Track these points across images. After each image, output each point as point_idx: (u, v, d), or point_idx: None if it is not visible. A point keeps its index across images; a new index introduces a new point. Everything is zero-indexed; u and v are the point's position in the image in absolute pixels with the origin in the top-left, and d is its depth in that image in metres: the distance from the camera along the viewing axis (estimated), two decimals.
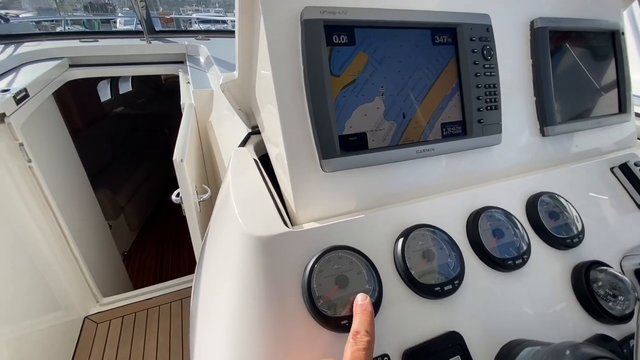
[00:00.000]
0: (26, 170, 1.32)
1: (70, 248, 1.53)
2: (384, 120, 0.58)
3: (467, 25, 0.62)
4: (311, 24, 0.51)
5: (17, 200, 1.31)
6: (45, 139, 1.52)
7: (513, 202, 0.58)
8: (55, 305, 1.50)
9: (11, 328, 1.22)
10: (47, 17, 5.19)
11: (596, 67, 0.80)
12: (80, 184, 1.96)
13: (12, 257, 1.28)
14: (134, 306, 1.71)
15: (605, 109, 0.81)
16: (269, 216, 0.47)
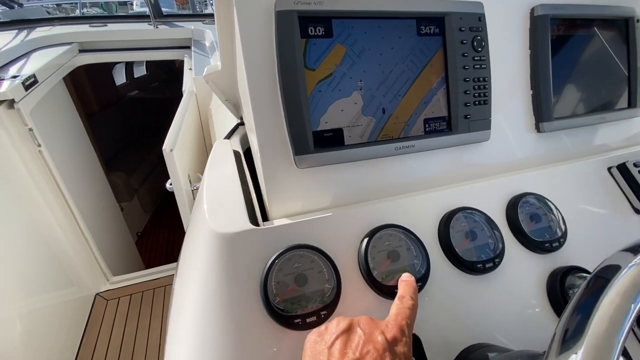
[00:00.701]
0: (36, 155, 1.38)
1: (81, 229, 1.60)
2: (362, 116, 0.56)
3: (456, 14, 0.58)
4: (284, 15, 0.49)
5: (29, 183, 1.37)
6: (55, 124, 1.57)
7: (494, 203, 0.56)
8: (67, 282, 1.59)
9: (25, 302, 1.31)
10: (64, 1, 5.25)
11: (604, 58, 0.75)
12: (91, 167, 2.02)
13: (26, 236, 1.36)
14: (141, 285, 1.79)
15: (612, 104, 0.76)
16: (235, 213, 0.47)
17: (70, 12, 8.81)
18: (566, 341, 0.22)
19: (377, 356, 0.30)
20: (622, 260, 0.28)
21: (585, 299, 0.24)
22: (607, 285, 0.24)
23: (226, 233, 0.44)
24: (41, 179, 1.42)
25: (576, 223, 0.58)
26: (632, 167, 0.63)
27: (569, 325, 0.23)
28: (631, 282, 0.23)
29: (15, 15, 2.06)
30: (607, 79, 0.75)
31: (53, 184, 1.46)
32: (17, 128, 1.30)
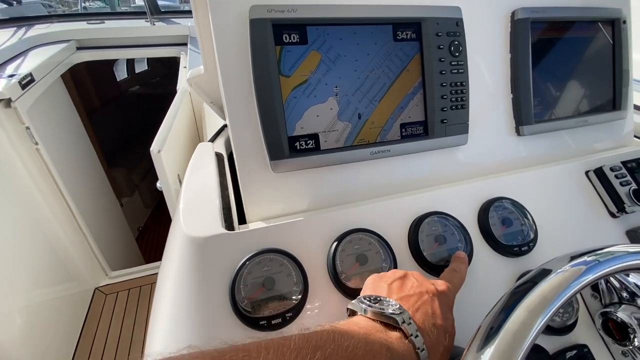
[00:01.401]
0: (33, 152, 1.40)
1: (79, 225, 1.64)
2: (338, 121, 0.57)
3: (433, 19, 0.59)
4: (258, 23, 0.50)
5: (27, 180, 1.40)
6: (52, 122, 1.60)
7: (467, 207, 0.57)
8: (66, 277, 1.63)
9: (25, 296, 1.34)
10: None
11: (588, 60, 0.75)
12: (90, 163, 2.05)
13: (25, 232, 1.39)
14: (139, 280, 1.83)
15: (596, 106, 0.76)
16: (209, 217, 0.49)
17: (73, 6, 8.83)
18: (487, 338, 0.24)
19: (428, 298, 0.36)
20: (556, 266, 0.29)
21: (512, 301, 0.26)
22: (532, 288, 0.25)
23: (198, 237, 0.45)
24: (39, 177, 1.45)
25: (550, 227, 0.59)
26: (608, 172, 0.63)
27: (494, 324, 0.25)
28: (550, 287, 0.25)
29: (13, 12, 2.07)
30: (591, 81, 0.75)
31: (51, 181, 1.49)
32: (14, 126, 1.33)
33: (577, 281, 0.26)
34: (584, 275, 0.26)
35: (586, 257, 0.29)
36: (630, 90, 0.79)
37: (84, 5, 7.81)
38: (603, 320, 0.49)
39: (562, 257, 0.30)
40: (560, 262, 0.29)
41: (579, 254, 0.30)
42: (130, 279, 1.83)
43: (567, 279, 0.26)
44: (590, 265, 0.28)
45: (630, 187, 0.62)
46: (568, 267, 0.28)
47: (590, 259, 0.29)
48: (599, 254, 0.29)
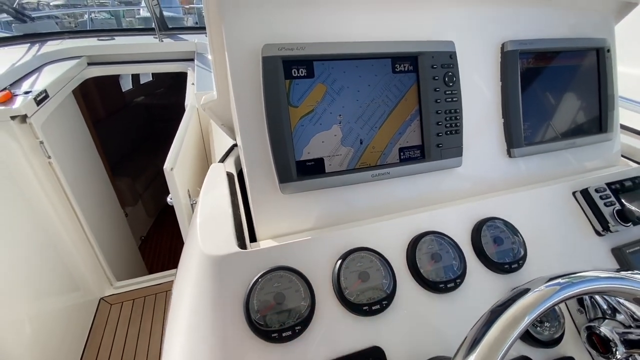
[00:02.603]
0: (46, 166, 1.45)
1: (87, 236, 1.68)
2: (341, 146, 0.62)
3: (428, 53, 0.64)
4: (270, 60, 0.55)
5: (39, 192, 1.45)
6: (64, 136, 1.65)
7: (461, 226, 0.61)
8: (73, 287, 1.66)
9: (34, 305, 1.38)
10: (73, 10, 5.55)
11: (574, 86, 0.80)
12: (97, 175, 2.10)
13: (35, 242, 1.43)
14: (144, 290, 1.86)
15: (583, 129, 0.81)
16: (224, 236, 0.53)
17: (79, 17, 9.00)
18: (470, 348, 0.28)
19: None
20: (535, 285, 0.34)
21: (495, 315, 0.30)
22: (511, 304, 0.30)
23: (215, 255, 0.50)
24: (50, 189, 1.50)
25: (539, 245, 0.63)
26: (593, 193, 0.68)
27: (476, 336, 0.29)
28: (525, 305, 0.29)
29: (27, 29, 2.15)
30: (578, 105, 0.80)
31: (61, 194, 1.54)
32: (29, 141, 1.38)
33: (549, 300, 0.30)
34: (555, 296, 0.30)
35: (560, 279, 0.33)
36: (616, 114, 0.84)
37: (91, 17, 7.93)
38: (588, 334, 0.53)
39: (540, 279, 0.34)
40: (538, 283, 0.33)
41: (555, 277, 0.34)
42: (135, 289, 1.87)
43: (541, 298, 0.30)
44: (563, 285, 0.32)
45: (614, 207, 0.67)
46: (543, 287, 0.32)
47: (564, 280, 0.33)
48: (572, 277, 0.34)
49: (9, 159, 1.33)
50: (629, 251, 0.65)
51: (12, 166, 1.35)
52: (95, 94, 3.05)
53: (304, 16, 0.58)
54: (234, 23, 0.55)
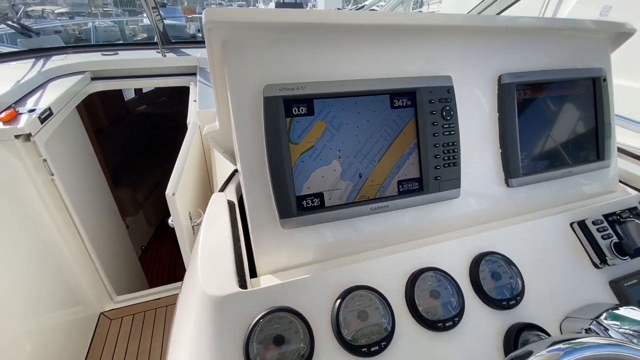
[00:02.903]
0: (49, 183, 1.47)
1: (88, 251, 1.69)
2: (341, 181, 0.63)
3: (426, 88, 0.65)
4: (271, 100, 0.57)
5: (42, 209, 1.46)
6: (67, 151, 1.67)
7: (459, 261, 0.62)
8: (74, 302, 1.67)
9: (34, 320, 1.38)
10: (77, 21, 5.68)
11: (571, 116, 0.81)
12: (99, 188, 2.12)
13: (37, 258, 1.44)
14: (144, 305, 1.86)
15: (580, 157, 0.82)
16: (225, 274, 0.54)
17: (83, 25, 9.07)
18: None
19: None
20: (537, 348, 0.34)
21: None
22: None
23: (215, 296, 0.50)
24: (52, 206, 1.51)
25: (537, 279, 0.63)
26: (590, 225, 0.68)
27: None
28: None
29: (31, 44, 2.19)
30: (574, 134, 0.81)
31: (63, 210, 1.55)
32: (32, 159, 1.40)
33: None
34: None
35: (562, 344, 0.34)
36: (613, 141, 0.85)
37: (95, 25, 7.99)
38: None
39: (542, 343, 0.35)
40: (540, 347, 0.34)
41: (557, 341, 0.35)
42: (135, 303, 1.87)
43: None
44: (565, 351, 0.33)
45: (611, 240, 0.67)
46: (545, 352, 0.33)
47: (565, 346, 0.34)
48: (574, 343, 0.34)
49: (12, 177, 1.35)
50: (627, 284, 0.65)
51: (15, 184, 1.36)
52: (98, 104, 3.08)
53: (304, 56, 0.60)
54: (236, 65, 0.57)
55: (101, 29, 8.77)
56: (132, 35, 9.21)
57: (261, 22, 0.52)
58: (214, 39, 0.54)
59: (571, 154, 0.81)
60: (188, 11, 15.72)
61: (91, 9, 16.24)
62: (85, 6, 17.89)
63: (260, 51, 0.57)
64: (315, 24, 0.57)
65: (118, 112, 3.66)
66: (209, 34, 0.52)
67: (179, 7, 16.30)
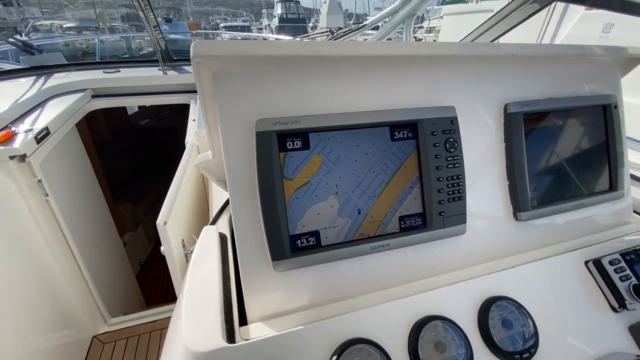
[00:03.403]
0: (43, 204, 1.44)
1: (82, 273, 1.64)
2: (338, 218, 0.59)
3: (428, 120, 0.62)
4: (264, 135, 0.53)
5: (34, 231, 1.42)
6: (64, 171, 1.65)
7: (466, 306, 0.57)
8: (66, 325, 1.61)
9: (25, 343, 1.33)
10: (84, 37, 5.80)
11: (582, 145, 0.77)
12: (96, 207, 2.09)
13: (29, 280, 1.40)
14: (138, 328, 1.80)
15: (592, 188, 0.78)
16: (211, 324, 0.50)
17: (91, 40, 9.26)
18: None
19: None
20: None
21: None
22: None
23: (199, 352, 0.46)
24: (46, 226, 1.47)
25: (551, 327, 0.58)
26: (607, 265, 0.64)
27: None
28: None
29: (34, 61, 2.20)
30: (586, 165, 0.77)
31: (57, 231, 1.52)
32: (27, 180, 1.37)
33: None
34: None
35: None
36: (626, 171, 0.81)
37: (101, 39, 8.13)
38: None
39: None
40: None
41: None
42: (129, 326, 1.81)
43: None
44: None
45: (630, 282, 0.62)
46: None
47: None
48: None
49: (5, 198, 1.32)
50: None
51: (8, 205, 1.33)
52: (101, 118, 3.09)
53: (298, 88, 0.57)
54: (227, 98, 0.54)
55: (108, 43, 8.93)
56: (138, 49, 9.40)
57: (251, 55, 0.49)
58: (204, 72, 0.51)
59: (583, 184, 0.77)
60: (193, 26, 16.14)
61: (99, 24, 16.64)
62: (93, 21, 18.34)
63: (251, 83, 0.54)
64: (309, 57, 0.54)
65: (121, 126, 3.67)
66: (197, 67, 0.50)
67: (185, 22, 16.67)
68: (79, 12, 24.31)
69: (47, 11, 26.05)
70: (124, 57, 6.89)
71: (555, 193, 0.74)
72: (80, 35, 12.62)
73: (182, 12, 34.95)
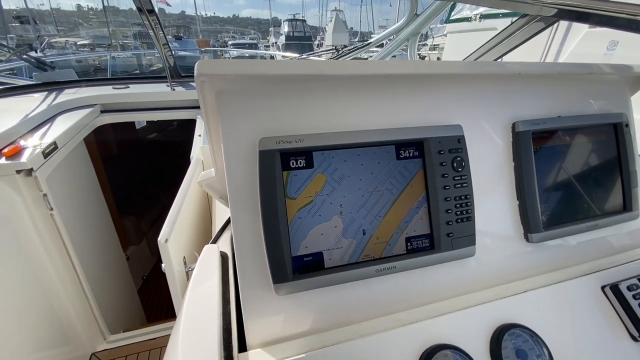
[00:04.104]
0: (47, 218, 1.44)
1: (83, 288, 1.62)
2: (342, 238, 0.57)
3: (435, 138, 0.61)
4: (267, 154, 0.53)
5: (37, 244, 1.42)
6: (69, 185, 1.65)
7: (478, 334, 0.54)
8: (65, 341, 1.58)
9: (24, 359, 1.30)
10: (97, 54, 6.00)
11: (594, 165, 0.75)
12: (100, 221, 2.09)
13: (29, 295, 1.38)
14: (138, 346, 1.76)
15: (605, 209, 0.75)
16: (209, 352, 0.47)
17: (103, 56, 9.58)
18: None
19: None
20: None
21: None
22: None
23: None
24: (49, 241, 1.47)
25: (567, 356, 0.55)
26: (625, 291, 0.61)
27: None
28: None
29: (46, 77, 2.26)
30: (599, 184, 0.75)
31: (60, 245, 1.51)
32: (32, 194, 1.38)
33: None
34: None
35: None
36: (638, 191, 0.78)
37: (113, 56, 8.40)
38: None
39: None
40: None
41: None
42: (128, 344, 1.77)
43: None
44: None
45: None
46: None
47: None
48: None
49: (10, 211, 1.32)
50: None
51: (13, 219, 1.33)
52: (110, 133, 3.14)
53: (302, 107, 0.56)
54: (230, 116, 0.53)
55: (119, 59, 9.24)
56: (148, 65, 9.69)
57: (255, 74, 0.49)
58: (207, 90, 0.51)
59: (595, 205, 0.74)
60: (202, 44, 16.69)
61: (111, 41, 17.21)
62: (106, 38, 19.00)
63: (255, 102, 0.54)
64: (313, 76, 0.54)
65: (129, 139, 3.72)
66: (201, 86, 0.49)
67: (194, 40, 17.22)
68: (93, 30, 25.24)
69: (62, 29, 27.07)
70: (134, 73, 7.08)
71: (567, 213, 0.72)
72: (93, 52, 13.08)
73: (192, 30, 36.15)
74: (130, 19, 20.53)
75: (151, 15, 1.86)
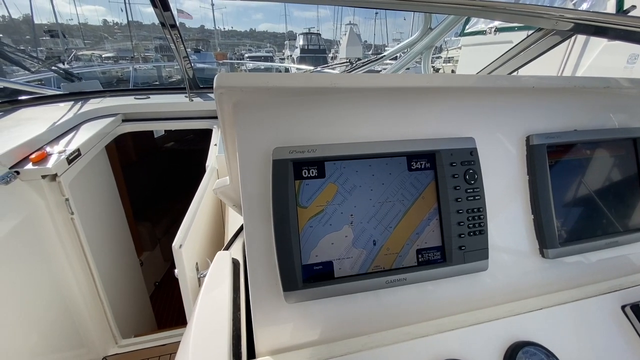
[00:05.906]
0: (68, 222, 1.49)
1: (98, 292, 1.66)
2: (353, 248, 0.58)
3: (447, 150, 0.61)
4: (280, 163, 0.54)
5: (58, 248, 1.47)
6: (90, 190, 1.72)
7: (490, 351, 0.53)
8: (78, 344, 1.61)
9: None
10: (119, 66, 6.37)
11: (613, 180, 0.73)
12: (118, 226, 2.15)
13: (47, 297, 1.43)
14: (148, 351, 1.78)
15: (627, 225, 0.73)
16: (217, 357, 0.48)
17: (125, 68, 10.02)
18: None
19: None
20: None
21: None
22: None
23: None
24: (69, 244, 1.52)
25: None
26: None
27: None
28: None
29: (73, 88, 2.38)
30: (617, 200, 0.73)
31: (79, 249, 1.56)
32: (55, 198, 1.44)
33: None
34: None
35: None
36: None
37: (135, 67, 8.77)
38: None
39: None
40: None
41: None
42: (139, 349, 1.79)
43: None
44: None
45: None
46: None
47: None
48: None
49: (34, 215, 1.38)
50: None
51: (36, 222, 1.39)
52: (129, 141, 3.25)
53: (315, 118, 0.58)
54: (246, 126, 0.55)
55: (141, 71, 9.66)
56: (168, 77, 10.08)
57: (271, 87, 0.51)
58: (225, 102, 0.53)
59: (616, 221, 0.72)
60: (220, 57, 17.27)
61: (134, 54, 17.99)
62: (130, 51, 19.89)
63: (270, 113, 0.56)
64: (325, 88, 0.55)
65: (148, 147, 3.84)
66: (220, 97, 0.52)
67: (212, 53, 17.82)
68: (117, 44, 26.48)
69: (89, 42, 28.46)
70: (155, 84, 7.35)
71: (585, 229, 0.70)
72: (116, 64, 13.70)
73: (211, 43, 37.47)
74: (152, 33, 21.49)
75: (173, 29, 1.95)
